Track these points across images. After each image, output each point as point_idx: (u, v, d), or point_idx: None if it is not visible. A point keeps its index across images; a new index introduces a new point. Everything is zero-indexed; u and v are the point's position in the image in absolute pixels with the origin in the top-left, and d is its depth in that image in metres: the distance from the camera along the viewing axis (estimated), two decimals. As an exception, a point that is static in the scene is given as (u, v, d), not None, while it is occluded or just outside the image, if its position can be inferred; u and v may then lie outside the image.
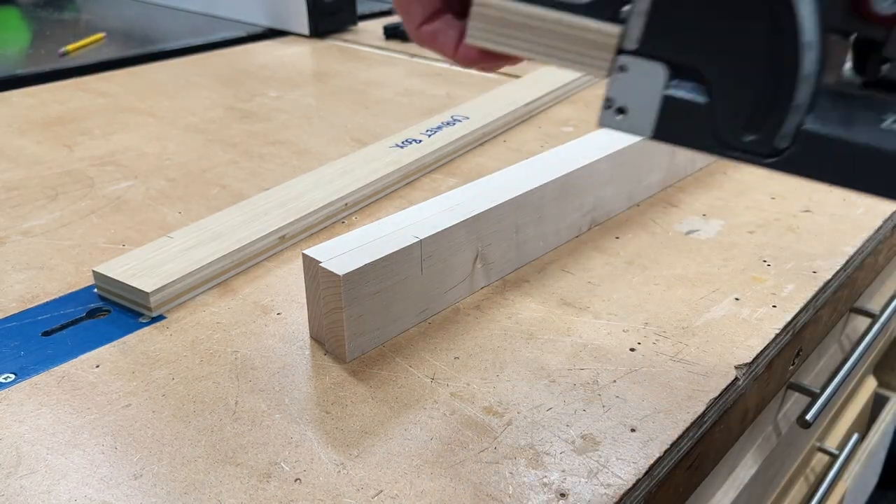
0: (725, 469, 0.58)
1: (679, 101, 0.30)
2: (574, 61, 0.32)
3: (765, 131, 0.29)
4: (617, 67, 0.31)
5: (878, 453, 1.20)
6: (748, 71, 0.29)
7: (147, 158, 0.73)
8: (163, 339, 0.46)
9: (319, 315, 0.44)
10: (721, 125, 0.30)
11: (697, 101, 0.30)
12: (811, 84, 0.28)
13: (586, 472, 0.36)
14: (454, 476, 0.36)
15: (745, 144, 0.30)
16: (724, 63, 0.29)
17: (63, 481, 0.36)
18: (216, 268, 0.51)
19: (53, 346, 0.46)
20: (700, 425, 0.40)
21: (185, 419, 0.40)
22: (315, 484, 0.36)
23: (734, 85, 0.29)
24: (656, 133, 0.31)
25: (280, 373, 0.43)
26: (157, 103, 0.88)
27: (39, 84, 0.95)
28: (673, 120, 0.31)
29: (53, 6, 1.38)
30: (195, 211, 0.62)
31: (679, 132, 0.31)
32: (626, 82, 0.31)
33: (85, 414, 0.40)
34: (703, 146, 0.31)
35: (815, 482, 0.86)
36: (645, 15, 0.29)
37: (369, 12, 1.36)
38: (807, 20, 0.27)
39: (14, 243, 0.57)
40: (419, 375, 0.43)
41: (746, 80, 0.29)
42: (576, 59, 0.32)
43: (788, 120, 0.29)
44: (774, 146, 0.29)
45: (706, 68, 0.29)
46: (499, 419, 0.39)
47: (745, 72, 0.29)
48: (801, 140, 0.29)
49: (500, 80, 0.96)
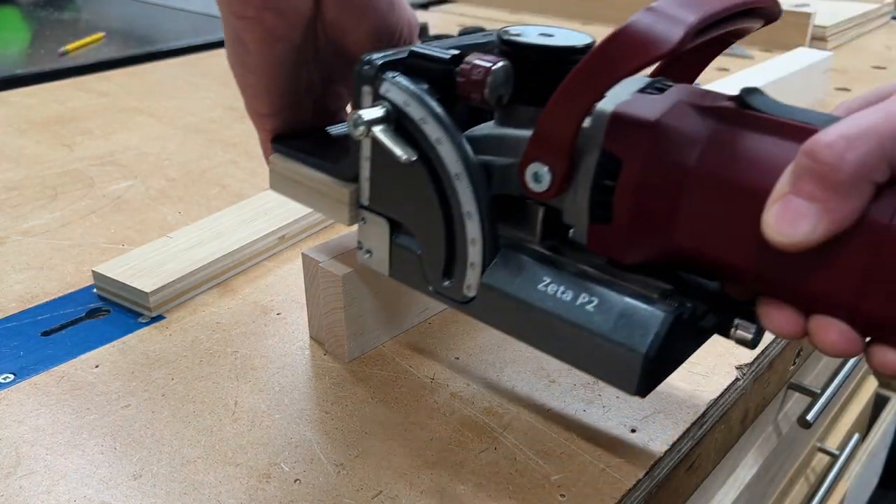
0: (726, 469, 0.58)
1: (402, 250, 0.37)
2: (328, 211, 0.39)
3: (455, 281, 0.35)
4: (360, 218, 0.38)
5: (878, 453, 1.20)
6: (434, 233, 0.35)
7: (147, 158, 0.73)
8: (162, 340, 0.46)
9: (319, 315, 0.44)
10: (428, 272, 0.36)
11: (414, 250, 0.37)
12: (479, 246, 0.34)
13: (587, 472, 0.36)
14: (454, 477, 0.36)
15: (445, 290, 0.36)
16: (419, 225, 0.36)
17: (62, 482, 0.36)
18: (216, 268, 0.51)
19: (53, 346, 0.46)
20: (700, 425, 0.40)
21: (185, 419, 0.40)
22: (315, 484, 0.36)
23: (428, 242, 0.35)
24: (391, 273, 0.38)
25: (280, 373, 0.43)
26: (156, 103, 0.88)
27: (39, 84, 0.95)
28: (400, 263, 0.37)
29: (53, 6, 1.38)
30: (195, 211, 0.62)
31: (405, 274, 0.37)
32: (367, 230, 0.38)
33: (84, 414, 0.40)
34: (420, 287, 0.37)
35: (816, 482, 0.86)
36: (368, 181, 0.37)
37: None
38: (463, 195, 0.33)
39: (14, 243, 0.57)
40: (419, 376, 0.43)
41: (435, 239, 0.35)
42: (328, 209, 0.39)
43: (468, 274, 0.35)
44: (464, 294, 0.35)
45: (411, 227, 0.36)
46: (499, 420, 0.39)
47: (433, 233, 0.35)
48: (483, 292, 0.34)
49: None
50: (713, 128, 0.29)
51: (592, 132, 0.30)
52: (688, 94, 0.30)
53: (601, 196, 0.30)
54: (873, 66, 1.06)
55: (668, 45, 0.27)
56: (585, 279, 0.32)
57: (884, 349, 0.27)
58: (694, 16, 0.27)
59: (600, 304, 0.31)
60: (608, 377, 0.32)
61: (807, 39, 1.08)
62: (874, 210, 0.26)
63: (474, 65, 0.33)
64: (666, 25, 0.27)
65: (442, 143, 0.33)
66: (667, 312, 0.30)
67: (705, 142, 0.29)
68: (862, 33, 1.25)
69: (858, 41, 1.21)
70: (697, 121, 0.29)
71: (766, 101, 0.30)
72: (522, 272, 0.33)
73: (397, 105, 0.34)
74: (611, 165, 0.30)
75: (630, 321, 0.31)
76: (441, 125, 0.33)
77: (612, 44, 0.28)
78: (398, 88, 0.34)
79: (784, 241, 0.26)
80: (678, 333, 0.31)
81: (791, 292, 0.29)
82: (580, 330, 0.32)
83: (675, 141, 0.29)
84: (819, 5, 1.15)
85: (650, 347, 0.30)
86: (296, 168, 0.38)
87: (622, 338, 0.30)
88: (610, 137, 0.29)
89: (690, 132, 0.29)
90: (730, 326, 0.32)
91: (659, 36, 0.27)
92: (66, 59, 1.05)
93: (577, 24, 1.30)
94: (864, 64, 1.08)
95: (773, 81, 0.78)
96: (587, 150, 0.30)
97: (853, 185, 0.25)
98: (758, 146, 0.28)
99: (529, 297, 0.33)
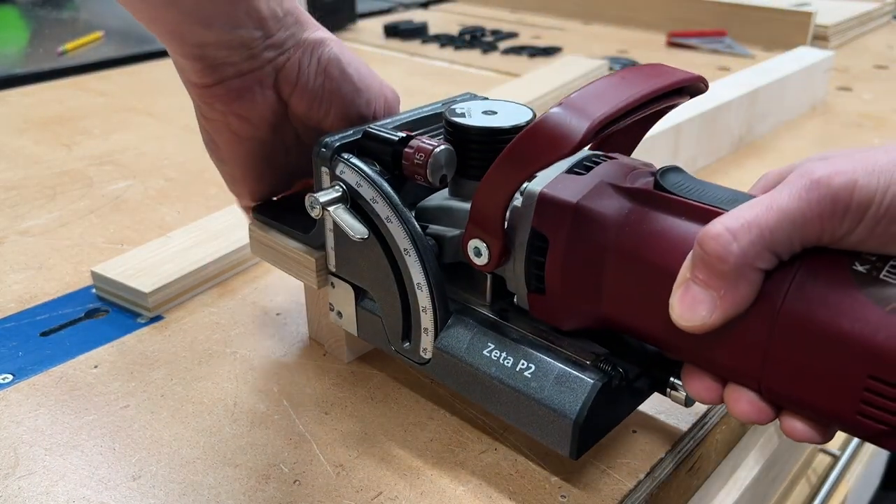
0: (727, 470, 0.58)
1: (367, 313, 0.39)
2: (298, 275, 0.41)
3: (413, 344, 0.37)
4: (330, 283, 0.40)
5: (880, 454, 1.20)
6: (391, 299, 0.37)
7: (145, 158, 0.72)
8: (161, 340, 0.46)
9: (319, 316, 0.44)
10: (389, 334, 0.38)
11: (377, 314, 0.39)
12: (430, 313, 0.36)
13: (588, 473, 0.36)
14: (454, 477, 0.36)
15: (405, 351, 0.38)
16: (378, 292, 0.38)
17: (61, 482, 0.36)
18: (215, 268, 0.51)
19: (52, 346, 0.45)
20: (701, 426, 0.40)
21: (184, 420, 0.39)
22: (314, 485, 0.35)
23: (387, 308, 0.38)
24: (359, 333, 0.40)
25: (279, 373, 0.43)
26: (155, 103, 0.88)
27: (38, 83, 0.95)
28: (366, 325, 0.40)
29: (52, 5, 1.38)
30: (194, 210, 0.62)
31: (371, 334, 0.40)
32: (336, 294, 0.40)
33: (83, 414, 0.40)
34: (384, 348, 0.39)
35: (818, 483, 0.85)
36: (333, 250, 0.39)
37: (369, 11, 1.35)
38: (413, 268, 0.35)
39: (12, 243, 0.57)
40: (419, 376, 0.42)
41: (392, 306, 0.37)
42: (299, 273, 0.41)
43: (423, 339, 0.37)
44: (420, 356, 0.37)
45: (372, 293, 0.38)
46: (499, 420, 0.39)
47: (390, 300, 0.37)
48: (437, 354, 0.36)
49: (501, 80, 0.96)
50: (629, 207, 0.31)
51: (524, 211, 0.33)
52: (611, 174, 0.33)
53: (534, 269, 0.33)
54: (875, 66, 1.06)
55: (573, 142, 0.29)
56: (526, 345, 0.35)
57: (791, 419, 0.29)
58: (600, 111, 0.29)
59: (537, 370, 0.34)
60: (546, 439, 0.34)
61: (808, 39, 1.08)
62: (766, 295, 0.27)
63: (417, 148, 0.35)
64: (575, 120, 0.29)
65: (391, 221, 0.35)
66: (595, 380, 0.32)
67: (622, 221, 0.31)
68: (863, 32, 1.25)
69: (860, 40, 1.21)
70: (615, 201, 0.32)
71: (682, 179, 0.32)
72: (470, 338, 0.36)
73: (350, 185, 0.36)
74: (540, 242, 0.33)
75: (562, 388, 0.33)
76: (390, 204, 0.35)
77: (525, 139, 0.30)
78: (351, 170, 0.36)
79: (685, 324, 0.28)
80: (609, 397, 0.33)
81: (706, 362, 0.31)
82: (519, 395, 0.34)
83: (594, 220, 0.31)
84: (820, 5, 1.15)
85: (579, 414, 0.32)
86: (270, 236, 0.41)
87: (555, 404, 0.33)
88: (538, 216, 0.32)
89: (608, 213, 0.31)
90: (666, 386, 0.34)
91: (566, 132, 0.29)
92: (64, 58, 1.04)
93: (577, 23, 1.30)
94: (866, 63, 1.07)
95: (773, 81, 0.78)
96: (520, 227, 0.33)
97: (739, 274, 0.27)
98: (665, 227, 0.30)
99: (475, 362, 0.35)
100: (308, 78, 0.38)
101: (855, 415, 0.27)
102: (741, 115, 0.75)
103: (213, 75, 0.36)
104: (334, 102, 0.38)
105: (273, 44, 0.37)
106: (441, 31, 1.23)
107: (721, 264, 0.27)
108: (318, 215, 0.36)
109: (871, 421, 0.26)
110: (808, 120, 0.85)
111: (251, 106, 0.37)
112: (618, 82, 0.31)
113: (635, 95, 0.30)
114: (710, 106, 0.70)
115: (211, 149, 0.40)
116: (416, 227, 0.35)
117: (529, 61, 1.05)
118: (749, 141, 0.78)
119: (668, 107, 0.34)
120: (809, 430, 0.29)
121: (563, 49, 1.11)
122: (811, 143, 0.79)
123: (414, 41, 1.18)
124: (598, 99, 0.30)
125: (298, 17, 0.38)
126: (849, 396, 0.26)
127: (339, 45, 0.39)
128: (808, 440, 0.29)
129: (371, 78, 0.40)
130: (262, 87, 0.37)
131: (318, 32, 0.38)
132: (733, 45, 1.09)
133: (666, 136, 0.64)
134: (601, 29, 1.26)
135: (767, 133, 0.81)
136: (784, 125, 0.83)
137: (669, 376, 0.34)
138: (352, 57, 0.39)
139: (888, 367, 0.25)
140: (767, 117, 0.80)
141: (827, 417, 0.28)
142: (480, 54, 1.10)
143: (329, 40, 0.38)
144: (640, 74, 0.32)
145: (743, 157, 0.74)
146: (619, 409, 0.35)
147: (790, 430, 0.29)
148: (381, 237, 0.36)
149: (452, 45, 1.14)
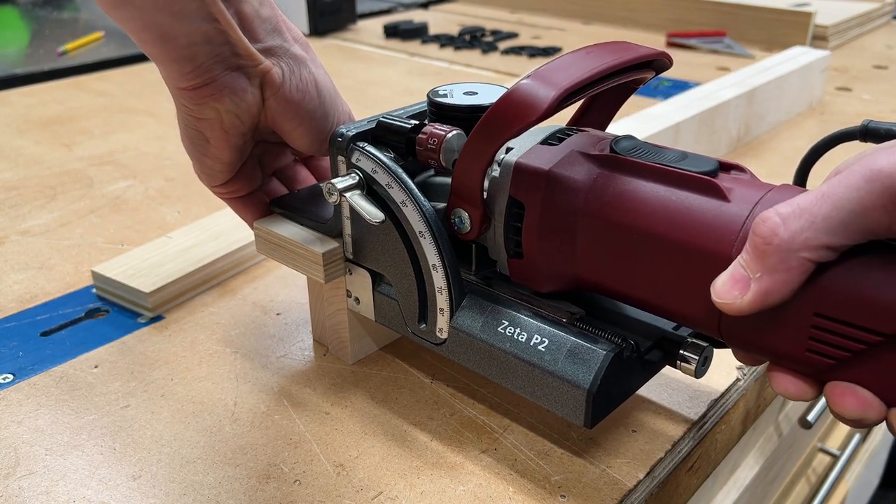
0: (727, 470, 0.58)
1: (384, 297, 0.40)
2: (306, 270, 0.41)
3: (429, 325, 0.38)
4: (347, 270, 0.41)
5: (879, 454, 1.20)
6: (407, 282, 0.38)
7: (146, 158, 0.73)
8: (161, 340, 0.46)
9: (322, 317, 0.44)
10: (405, 317, 0.39)
11: (393, 297, 0.40)
12: (446, 294, 0.37)
13: (587, 473, 0.36)
14: (454, 477, 0.36)
15: (422, 333, 0.39)
16: (395, 275, 0.39)
17: (62, 482, 0.36)
18: (215, 268, 0.51)
19: (52, 346, 0.45)
20: (701, 426, 0.40)
21: (184, 420, 0.39)
22: (315, 485, 0.35)
23: (403, 291, 0.39)
24: (377, 318, 0.41)
25: (279, 373, 0.43)
26: (155, 103, 0.88)
27: (38, 83, 0.95)
28: (383, 310, 0.41)
29: (52, 5, 1.38)
30: (194, 210, 0.62)
31: (388, 318, 0.41)
32: (354, 280, 0.41)
33: (83, 414, 0.40)
34: (403, 330, 0.40)
35: (817, 483, 0.86)
36: (350, 237, 0.40)
37: (369, 11, 1.35)
38: (428, 250, 0.37)
39: (13, 243, 0.57)
40: (419, 376, 0.42)
41: (408, 288, 0.38)
42: (306, 269, 0.41)
43: (439, 319, 0.38)
44: (437, 336, 0.38)
45: (388, 277, 0.39)
46: (499, 420, 0.39)
47: (406, 282, 0.38)
48: (453, 334, 0.37)
49: (501, 80, 0.96)
50: (597, 172, 0.34)
51: (502, 181, 0.35)
52: (581, 143, 0.35)
53: (513, 235, 0.35)
54: (874, 66, 1.06)
55: (541, 109, 0.31)
56: (538, 320, 0.36)
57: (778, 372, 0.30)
58: (566, 80, 0.32)
59: (550, 344, 0.35)
60: (561, 410, 0.34)
61: (808, 39, 1.08)
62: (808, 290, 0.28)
63: (430, 133, 0.37)
64: (543, 90, 0.32)
65: (406, 205, 0.37)
66: (608, 351, 0.33)
67: (591, 185, 0.34)
68: (863, 33, 1.25)
69: (859, 40, 1.21)
70: (584, 167, 0.34)
71: (635, 144, 0.34)
72: (485, 316, 0.37)
73: (366, 172, 0.38)
74: (517, 209, 0.35)
75: (575, 360, 0.34)
76: (405, 189, 0.36)
77: (498, 109, 0.32)
78: (366, 158, 0.37)
79: (718, 301, 0.29)
80: (621, 369, 0.34)
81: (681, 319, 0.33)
82: (534, 368, 0.35)
83: (566, 185, 0.33)
84: (820, 5, 1.15)
85: (593, 383, 0.33)
86: (276, 234, 0.42)
87: (569, 375, 0.34)
88: (514, 185, 0.34)
89: (578, 178, 0.34)
90: (677, 358, 0.35)
91: (535, 100, 0.31)
92: (65, 58, 1.04)
93: (577, 23, 1.30)
94: (866, 63, 1.07)
95: (770, 80, 0.78)
96: (498, 196, 0.35)
97: (781, 259, 0.27)
98: (627, 188, 0.33)
99: (491, 339, 0.36)
100: (290, 90, 0.39)
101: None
102: (739, 114, 0.75)
103: (202, 75, 0.37)
104: (304, 120, 0.41)
105: (262, 48, 0.38)
106: (441, 31, 1.23)
107: (765, 246, 0.27)
108: (335, 201, 0.38)
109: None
110: (806, 120, 0.85)
111: (240, 100, 0.38)
112: (583, 55, 0.34)
113: (599, 67, 0.33)
114: (708, 106, 0.70)
115: (196, 147, 0.41)
116: (430, 210, 0.36)
117: (529, 61, 1.05)
118: (747, 141, 0.78)
119: (634, 80, 0.36)
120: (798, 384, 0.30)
121: (563, 49, 1.11)
122: (810, 144, 0.78)
123: (414, 41, 1.18)
124: (564, 70, 0.32)
125: (277, 25, 0.39)
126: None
127: (316, 66, 0.41)
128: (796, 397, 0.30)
129: (338, 101, 0.42)
130: (251, 84, 0.39)
131: (297, 47, 0.40)
132: (733, 46, 1.09)
133: (665, 136, 0.65)
134: (601, 29, 1.26)
135: (765, 133, 0.81)
136: (782, 125, 0.83)
137: (680, 349, 0.35)
138: (325, 80, 0.41)
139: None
140: (765, 117, 0.80)
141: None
142: (480, 54, 1.10)
143: (308, 60, 0.40)
144: (605, 49, 0.34)
145: (741, 156, 0.74)
146: (632, 381, 0.36)
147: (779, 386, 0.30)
148: (396, 221, 0.37)
149: (452, 45, 1.14)
